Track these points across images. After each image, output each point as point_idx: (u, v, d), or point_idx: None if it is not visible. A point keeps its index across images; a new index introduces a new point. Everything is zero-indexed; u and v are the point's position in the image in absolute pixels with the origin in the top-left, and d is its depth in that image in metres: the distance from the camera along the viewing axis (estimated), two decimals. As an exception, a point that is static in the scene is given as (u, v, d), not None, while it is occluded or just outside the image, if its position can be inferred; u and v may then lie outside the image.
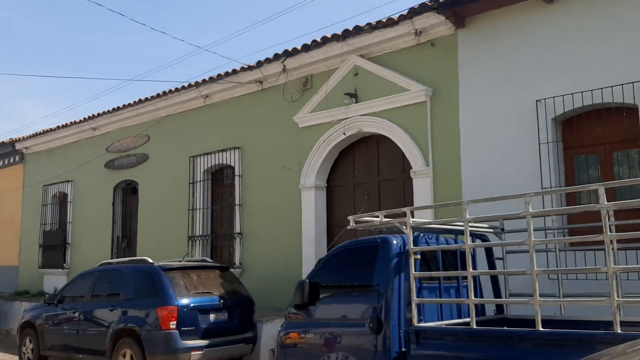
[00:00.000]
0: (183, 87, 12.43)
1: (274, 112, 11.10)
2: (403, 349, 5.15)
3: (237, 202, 11.59)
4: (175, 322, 7.60)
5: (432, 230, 5.65)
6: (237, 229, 11.50)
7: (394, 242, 5.46)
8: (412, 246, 5.14)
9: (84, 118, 15.03)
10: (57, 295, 9.31)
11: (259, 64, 10.87)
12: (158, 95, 13.00)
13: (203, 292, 8.09)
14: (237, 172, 11.64)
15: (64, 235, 15.84)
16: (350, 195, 10.15)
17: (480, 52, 8.38)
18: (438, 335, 4.96)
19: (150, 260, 8.48)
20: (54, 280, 15.88)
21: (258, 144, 11.36)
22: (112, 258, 14.23)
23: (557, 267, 6.35)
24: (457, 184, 8.41)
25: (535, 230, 6.38)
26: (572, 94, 7.33)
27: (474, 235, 6.02)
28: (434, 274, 5.45)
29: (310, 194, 10.22)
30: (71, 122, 15.50)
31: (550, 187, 7.36)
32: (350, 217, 5.81)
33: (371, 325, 5.27)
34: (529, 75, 7.85)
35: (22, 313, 10.32)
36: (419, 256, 5.19)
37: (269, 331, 9.00)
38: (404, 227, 5.21)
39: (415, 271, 5.12)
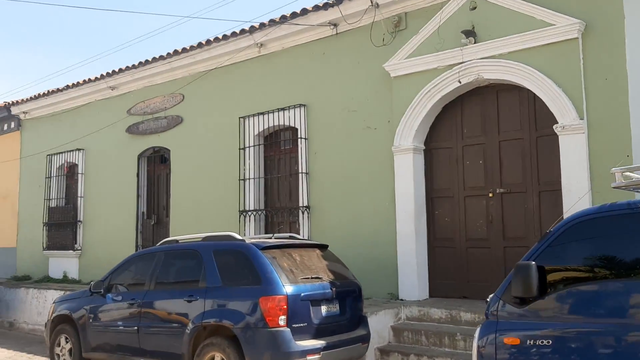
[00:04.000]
0: (234, 34, 10.40)
1: (352, 60, 9.20)
2: None
3: (302, 169, 9.70)
4: (285, 317, 5.74)
5: None
6: (304, 201, 9.63)
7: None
8: None
9: (101, 75, 12.86)
10: (105, 282, 7.33)
11: (339, 0, 8.93)
12: (200, 45, 10.94)
13: (312, 278, 6.24)
14: (301, 134, 9.73)
15: (74, 212, 13.73)
16: (458, 159, 8.34)
17: (657, -27, 6.62)
18: None
19: (238, 237, 6.56)
20: (63, 264, 13.81)
21: (330, 100, 9.46)
22: (137, 237, 12.29)
23: None
24: (625, 141, 6.68)
25: None
26: None
27: None
28: None
29: (408, 158, 8.39)
30: (84, 81, 13.32)
31: None
32: (615, 170, 4.02)
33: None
34: None
35: (51, 304, 8.31)
36: None
37: (374, 326, 7.23)
38: None
39: None
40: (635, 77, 6.68)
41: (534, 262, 4.02)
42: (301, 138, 9.73)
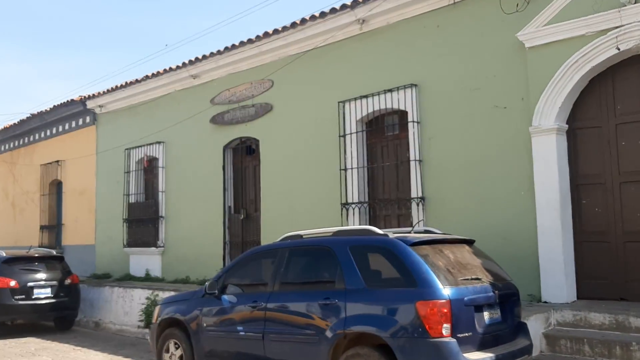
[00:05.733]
0: (333, 10, 9.51)
1: (475, 32, 8.18)
2: None
3: (414, 157, 8.74)
4: (449, 326, 4.81)
5: None
6: (417, 192, 8.68)
7: None
8: None
9: (182, 63, 12.25)
10: (218, 282, 6.57)
11: (461, -36, 7.93)
12: (293, 25, 10.12)
13: (472, 279, 5.29)
14: (413, 118, 8.77)
15: (156, 208, 13.19)
16: (610, 139, 7.20)
17: None
18: None
19: (379, 231, 5.67)
20: (145, 261, 13.32)
21: (446, 79, 8.47)
22: (224, 232, 11.62)
23: None
24: None
25: None
26: None
27: None
28: None
29: (550, 139, 7.31)
30: (164, 70, 12.75)
31: None
32: None
33: None
34: None
35: (157, 306, 7.61)
36: None
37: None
38: None
39: None
40: None
41: None
42: (412, 122, 8.78)
